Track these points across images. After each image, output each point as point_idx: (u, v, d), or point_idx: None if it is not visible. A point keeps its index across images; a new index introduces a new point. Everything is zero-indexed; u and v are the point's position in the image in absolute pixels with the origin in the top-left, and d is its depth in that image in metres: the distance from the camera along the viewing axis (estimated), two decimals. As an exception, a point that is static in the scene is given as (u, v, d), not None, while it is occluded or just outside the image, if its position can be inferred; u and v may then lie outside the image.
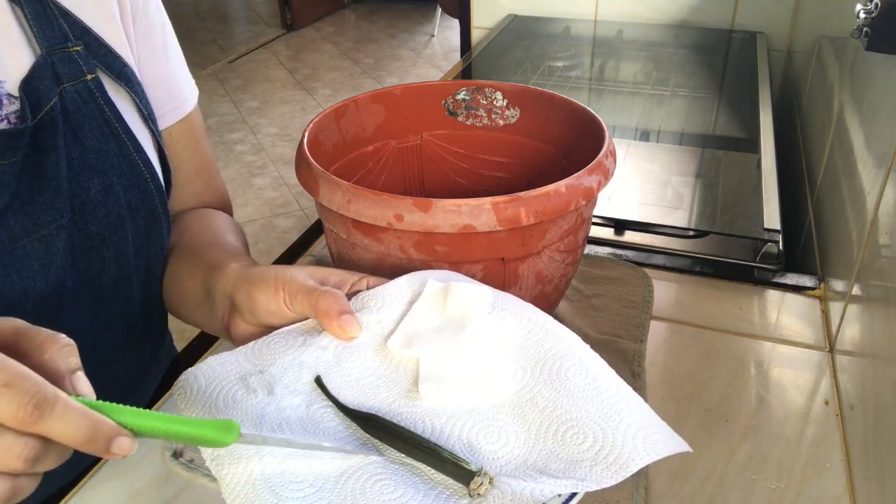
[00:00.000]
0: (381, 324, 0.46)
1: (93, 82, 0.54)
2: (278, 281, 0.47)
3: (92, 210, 0.55)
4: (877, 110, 0.69)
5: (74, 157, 0.54)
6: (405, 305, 0.47)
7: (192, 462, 0.56)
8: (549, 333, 0.45)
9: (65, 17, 0.54)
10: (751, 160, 0.98)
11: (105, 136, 0.55)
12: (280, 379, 0.43)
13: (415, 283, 0.48)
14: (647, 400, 0.61)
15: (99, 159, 0.55)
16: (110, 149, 0.56)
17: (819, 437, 0.57)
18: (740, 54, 1.37)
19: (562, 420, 0.41)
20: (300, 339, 0.46)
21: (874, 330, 0.55)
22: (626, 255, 0.81)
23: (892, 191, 0.58)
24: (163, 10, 0.64)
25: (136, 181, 0.58)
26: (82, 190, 0.54)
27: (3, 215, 0.50)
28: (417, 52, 4.34)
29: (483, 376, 0.43)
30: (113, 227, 0.57)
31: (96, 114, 0.55)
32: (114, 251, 0.57)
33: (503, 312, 0.46)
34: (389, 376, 0.44)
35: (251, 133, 3.30)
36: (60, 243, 0.53)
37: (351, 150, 0.67)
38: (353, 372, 0.44)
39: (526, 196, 0.49)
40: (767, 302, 0.74)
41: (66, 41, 0.53)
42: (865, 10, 0.62)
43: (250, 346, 0.46)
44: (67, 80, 0.53)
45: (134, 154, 0.58)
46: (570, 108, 0.65)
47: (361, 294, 0.48)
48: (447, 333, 0.45)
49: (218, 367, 0.45)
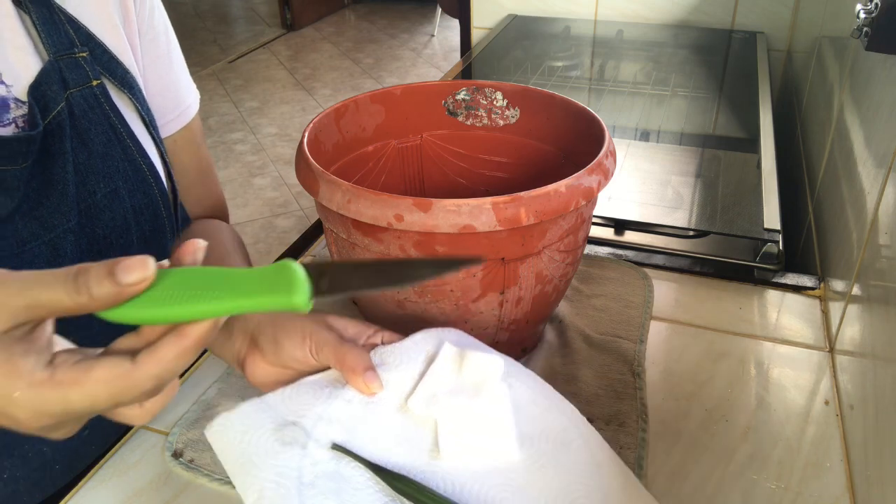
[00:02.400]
0: (400, 382, 0.49)
1: (98, 88, 0.55)
2: (305, 330, 0.49)
3: (98, 214, 0.56)
4: (877, 110, 0.69)
5: (81, 161, 0.54)
6: (422, 364, 0.50)
7: (192, 462, 0.56)
8: (553, 405, 0.49)
9: (70, 24, 0.54)
10: (751, 160, 0.98)
11: (110, 141, 0.56)
12: (311, 432, 0.45)
13: (430, 343, 0.51)
14: (648, 400, 0.61)
15: (105, 164, 0.56)
16: (116, 153, 0.57)
17: (819, 437, 0.57)
18: (740, 54, 1.37)
19: (569, 490, 0.44)
20: (326, 390, 0.48)
21: (874, 330, 0.55)
22: (626, 255, 0.81)
23: (892, 191, 0.58)
24: (167, 19, 0.65)
25: (140, 185, 0.59)
26: (89, 194, 0.55)
27: (11, 219, 0.50)
28: (417, 52, 4.34)
29: (497, 440, 0.46)
30: (119, 230, 0.58)
31: (102, 119, 0.56)
32: (119, 254, 0.57)
33: (512, 380, 0.50)
34: (411, 434, 0.47)
35: (251, 133, 3.30)
36: (68, 247, 0.54)
37: (351, 150, 0.67)
38: (378, 427, 0.47)
39: (526, 196, 0.49)
40: (767, 302, 0.74)
41: (73, 47, 0.54)
42: (865, 10, 0.62)
43: (279, 393, 0.48)
44: (74, 85, 0.54)
45: (138, 159, 0.59)
46: (570, 108, 0.65)
47: (380, 350, 0.51)
48: (463, 397, 0.48)
49: (253, 413, 0.46)
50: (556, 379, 0.63)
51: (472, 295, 0.54)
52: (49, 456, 0.60)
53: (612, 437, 0.57)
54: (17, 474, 0.58)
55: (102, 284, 0.33)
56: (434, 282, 0.53)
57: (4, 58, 0.51)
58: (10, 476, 0.57)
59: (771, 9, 1.41)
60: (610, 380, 0.63)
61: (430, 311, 0.56)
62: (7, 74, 0.51)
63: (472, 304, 0.55)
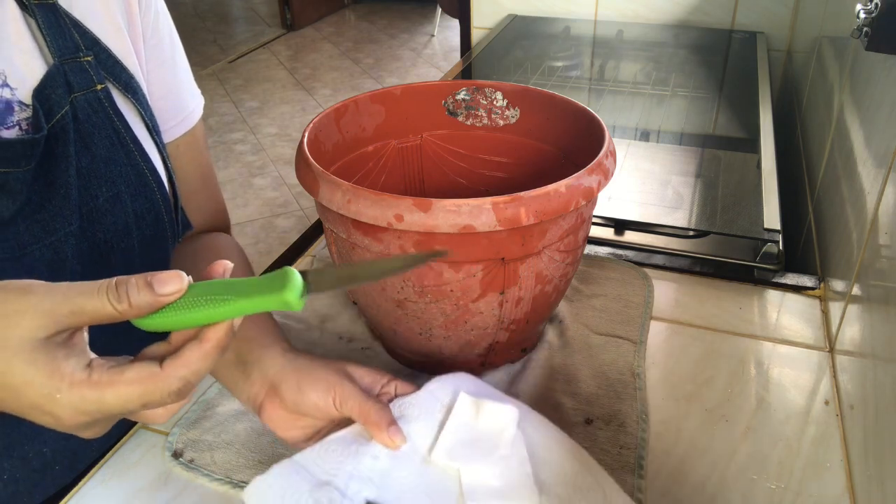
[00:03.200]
0: (422, 433, 0.51)
1: (102, 92, 0.55)
2: (330, 381, 0.51)
3: (100, 218, 0.56)
4: (877, 110, 0.69)
5: (84, 165, 0.54)
6: (441, 414, 0.52)
7: (192, 462, 0.56)
8: (566, 449, 0.51)
9: (76, 28, 0.54)
10: (751, 160, 0.98)
11: (114, 145, 0.56)
12: (346, 491, 0.47)
13: (445, 392, 0.54)
14: (648, 400, 0.61)
15: (108, 168, 0.56)
16: (119, 158, 0.57)
17: (819, 437, 0.57)
18: (740, 54, 1.37)
19: None
20: (353, 447, 0.50)
21: (874, 330, 0.55)
22: (626, 255, 0.81)
23: (892, 191, 0.58)
24: (172, 24, 0.65)
25: (142, 190, 0.59)
26: (91, 198, 0.55)
27: (13, 222, 0.50)
28: (417, 52, 4.34)
29: (518, 488, 0.48)
30: (120, 234, 0.58)
31: (105, 123, 0.56)
32: (121, 258, 0.58)
33: (525, 425, 0.52)
34: (437, 485, 0.49)
35: (251, 133, 3.30)
36: (69, 250, 0.54)
37: (351, 150, 0.67)
38: (405, 481, 0.49)
39: (526, 196, 0.49)
40: (767, 302, 0.74)
41: (78, 51, 0.54)
42: (865, 10, 0.62)
43: (310, 452, 0.50)
44: (79, 89, 0.54)
45: (141, 163, 0.59)
46: (570, 108, 0.65)
47: (398, 402, 0.53)
48: (482, 448, 0.50)
49: (287, 475, 0.48)
50: (556, 379, 0.63)
51: (472, 295, 0.54)
52: (49, 457, 0.60)
53: (613, 436, 0.57)
54: (18, 475, 0.58)
55: (142, 293, 0.36)
56: (434, 282, 0.54)
57: (10, 61, 0.51)
58: (10, 477, 0.57)
59: (771, 9, 1.41)
60: (610, 380, 0.63)
61: (430, 311, 0.56)
62: (12, 77, 0.51)
63: (472, 304, 0.55)
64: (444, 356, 0.61)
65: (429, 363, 0.64)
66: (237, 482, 0.54)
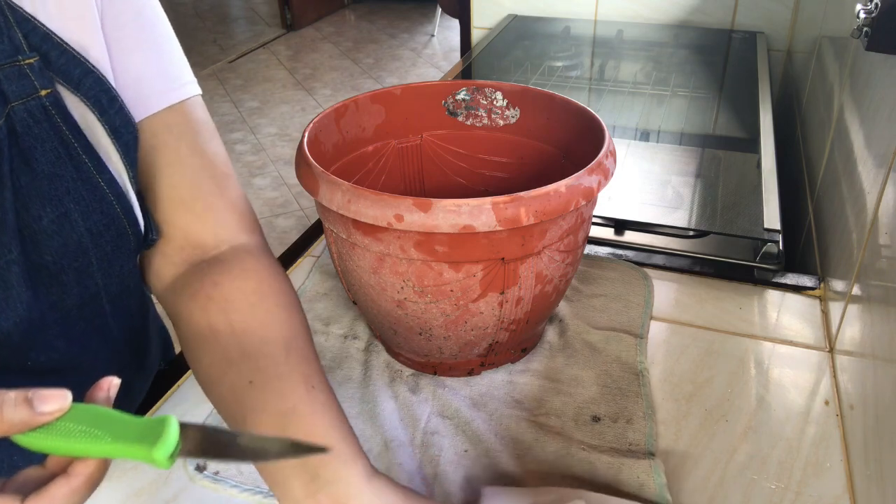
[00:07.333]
0: None
1: (48, 98, 0.48)
2: None
3: (45, 241, 0.50)
4: (877, 110, 0.69)
5: (23, 184, 0.48)
6: None
7: (218, 474, 0.55)
8: None
9: (21, 25, 0.47)
10: (751, 160, 0.98)
11: (60, 160, 0.50)
12: None
13: None
14: (652, 395, 0.61)
15: (52, 185, 0.50)
16: (66, 173, 0.50)
17: (819, 437, 0.57)
18: (740, 54, 1.37)
19: None
20: None
21: (874, 330, 0.55)
22: (626, 255, 0.81)
23: (892, 191, 0.58)
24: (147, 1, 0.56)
25: (97, 205, 0.52)
26: (32, 220, 0.49)
27: None
28: (417, 52, 4.34)
29: None
30: (72, 255, 0.52)
31: (50, 134, 0.49)
32: (74, 276, 0.53)
33: None
34: None
35: (251, 133, 3.30)
36: (13, 278, 0.49)
37: (351, 150, 0.67)
38: None
39: (526, 196, 0.49)
40: (767, 302, 0.74)
41: (17, 54, 0.47)
42: (865, 10, 0.62)
43: None
44: (16, 98, 0.47)
45: (95, 176, 0.52)
46: (570, 108, 0.65)
47: None
48: None
49: None
50: (558, 378, 0.63)
51: (472, 295, 0.54)
52: None
53: (621, 433, 0.57)
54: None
55: (18, 410, 0.34)
56: (434, 282, 0.54)
57: None
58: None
59: (771, 9, 1.41)
60: (613, 378, 0.63)
61: (430, 311, 0.56)
62: None
63: (472, 304, 0.55)
64: (444, 356, 0.61)
65: (429, 363, 0.64)
66: (267, 492, 0.53)
